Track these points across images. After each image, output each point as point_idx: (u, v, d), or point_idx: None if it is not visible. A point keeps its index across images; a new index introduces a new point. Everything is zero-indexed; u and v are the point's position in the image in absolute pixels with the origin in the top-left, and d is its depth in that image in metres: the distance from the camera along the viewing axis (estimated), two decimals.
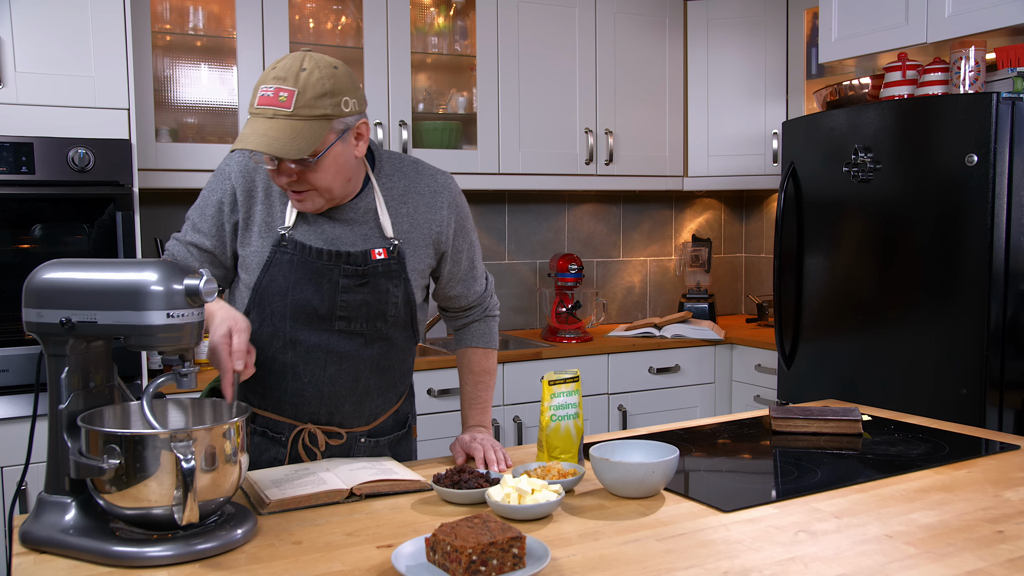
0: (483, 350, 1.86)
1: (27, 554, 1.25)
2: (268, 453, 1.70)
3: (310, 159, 1.48)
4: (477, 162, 3.43)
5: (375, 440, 1.77)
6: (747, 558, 1.21)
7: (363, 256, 1.61)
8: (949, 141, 2.60)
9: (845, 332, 2.97)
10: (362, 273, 1.61)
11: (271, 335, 1.63)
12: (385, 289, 1.64)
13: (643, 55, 3.78)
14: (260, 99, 1.47)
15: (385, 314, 1.65)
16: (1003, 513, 1.39)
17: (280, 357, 1.63)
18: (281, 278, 1.59)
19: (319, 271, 1.59)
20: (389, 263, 1.63)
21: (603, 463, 1.47)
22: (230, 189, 1.62)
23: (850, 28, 3.16)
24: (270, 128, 1.45)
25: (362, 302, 1.62)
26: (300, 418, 1.68)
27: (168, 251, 1.65)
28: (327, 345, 1.63)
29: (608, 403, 3.44)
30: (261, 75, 1.55)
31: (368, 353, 1.67)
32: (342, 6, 3.33)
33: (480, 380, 1.85)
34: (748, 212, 4.50)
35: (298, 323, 1.61)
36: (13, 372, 2.41)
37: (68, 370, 1.28)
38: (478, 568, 1.10)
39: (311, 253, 1.59)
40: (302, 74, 1.46)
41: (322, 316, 1.61)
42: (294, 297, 1.60)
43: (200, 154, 2.98)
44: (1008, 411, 2.55)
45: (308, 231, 1.61)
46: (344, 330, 1.63)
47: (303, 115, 1.46)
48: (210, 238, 1.63)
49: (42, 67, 2.46)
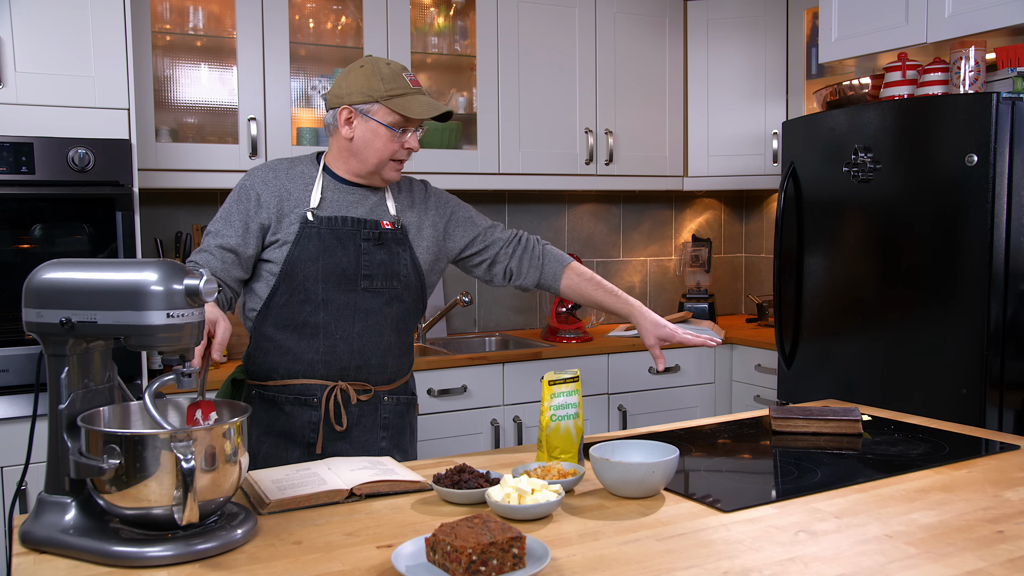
0: (571, 265, 2.07)
1: (27, 554, 1.25)
2: (301, 419, 1.88)
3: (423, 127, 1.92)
4: (477, 162, 3.43)
5: (396, 398, 1.97)
6: (747, 558, 1.21)
7: (376, 224, 1.90)
8: (949, 141, 2.60)
9: (845, 332, 2.97)
10: (378, 236, 1.89)
11: (303, 301, 1.85)
12: (396, 252, 1.91)
13: (643, 55, 3.78)
14: (412, 81, 1.87)
15: (399, 273, 1.91)
16: (1003, 513, 1.39)
17: (313, 319, 1.85)
18: (312, 247, 1.84)
19: (345, 236, 1.87)
20: (396, 232, 1.92)
21: (603, 463, 1.47)
22: (255, 196, 1.86)
23: (850, 28, 3.16)
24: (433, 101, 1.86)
25: (380, 262, 1.89)
26: (332, 376, 1.88)
27: (191, 261, 1.83)
28: (355, 303, 1.87)
29: (608, 403, 3.44)
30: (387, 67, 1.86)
31: (389, 311, 1.91)
32: (342, 6, 3.33)
33: (601, 281, 2.07)
34: (748, 212, 4.50)
35: (329, 284, 1.85)
36: (13, 372, 2.41)
37: (68, 370, 1.28)
38: (478, 568, 1.10)
39: (336, 222, 1.87)
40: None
41: (349, 276, 1.86)
42: (325, 261, 1.84)
43: (200, 154, 2.98)
44: (1008, 411, 2.55)
45: (330, 207, 1.89)
46: (368, 288, 1.88)
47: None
48: (234, 237, 1.83)
49: (42, 67, 2.46)
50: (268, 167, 1.93)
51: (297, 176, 1.91)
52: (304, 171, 1.92)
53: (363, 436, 1.92)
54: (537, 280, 2.06)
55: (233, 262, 1.83)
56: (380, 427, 1.94)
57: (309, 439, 1.88)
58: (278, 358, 1.87)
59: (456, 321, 3.81)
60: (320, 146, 3.23)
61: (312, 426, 1.87)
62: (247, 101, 3.03)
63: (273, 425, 1.90)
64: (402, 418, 2.00)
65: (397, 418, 1.98)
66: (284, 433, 1.89)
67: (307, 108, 3.32)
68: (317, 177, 1.90)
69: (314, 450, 1.88)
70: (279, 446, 1.89)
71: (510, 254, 2.05)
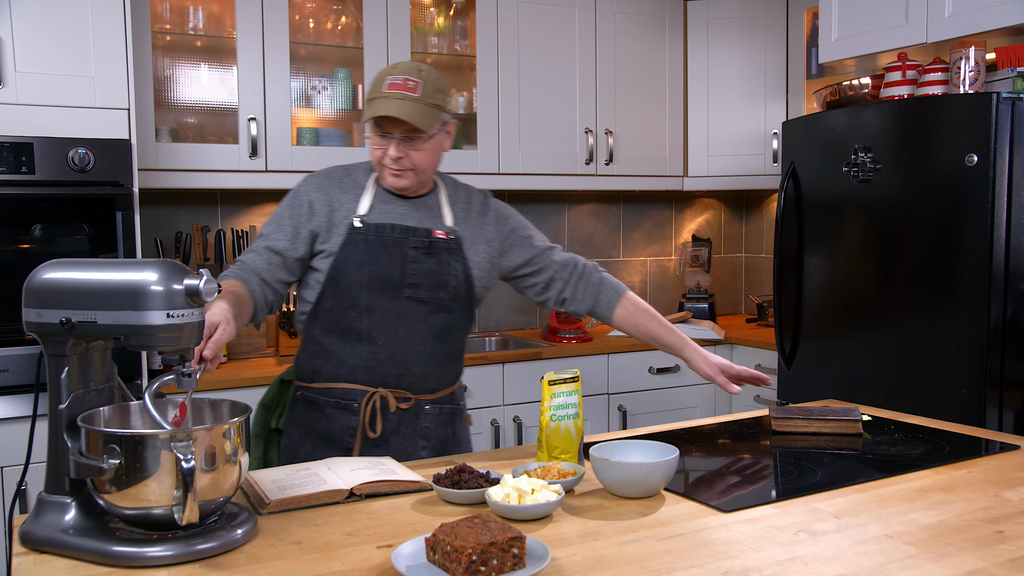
0: (626, 295, 2.02)
1: (27, 554, 1.25)
2: (340, 423, 1.87)
3: (424, 136, 1.80)
4: (477, 162, 3.43)
5: (439, 407, 1.94)
6: (747, 558, 1.21)
7: (427, 232, 1.88)
8: (949, 141, 2.60)
9: (845, 332, 2.97)
10: (427, 245, 1.87)
11: (347, 306, 1.84)
12: (447, 262, 1.88)
13: (643, 55, 3.78)
14: (390, 85, 1.78)
15: (447, 284, 1.88)
16: (1003, 513, 1.39)
17: (356, 325, 1.84)
18: (359, 253, 1.83)
19: (391, 243, 1.85)
20: (449, 243, 1.90)
21: (603, 463, 1.47)
22: (307, 202, 1.87)
23: (850, 28, 3.16)
24: (402, 105, 1.77)
25: (428, 271, 1.86)
26: (373, 382, 1.86)
27: (239, 260, 1.85)
28: (399, 311, 1.85)
29: (608, 403, 3.44)
30: (382, 72, 1.83)
31: (434, 321, 1.88)
32: (342, 6, 3.33)
33: (655, 313, 2.02)
34: (748, 212, 4.50)
35: (373, 291, 1.84)
36: (13, 372, 2.41)
37: (68, 370, 1.28)
38: (478, 568, 1.10)
39: (384, 229, 1.86)
40: (422, 72, 1.81)
41: (394, 284, 1.84)
42: (371, 268, 1.83)
43: (200, 154, 2.98)
44: (1008, 411, 2.55)
45: (379, 215, 1.88)
46: (413, 297, 1.86)
47: (425, 101, 1.79)
48: (283, 241, 1.84)
49: (42, 67, 2.46)
50: (324, 175, 1.93)
51: (350, 186, 1.90)
52: (358, 180, 1.91)
53: (402, 444, 1.89)
54: (591, 308, 2.01)
55: (279, 264, 1.83)
56: (420, 436, 1.91)
57: (347, 443, 1.87)
58: (322, 361, 1.87)
59: None
60: (321, 146, 3.23)
61: (350, 431, 1.86)
62: (247, 101, 3.03)
63: (314, 427, 1.89)
64: (445, 428, 1.96)
65: (440, 428, 1.94)
66: (323, 436, 1.88)
67: (307, 108, 3.32)
68: (368, 185, 1.90)
69: (351, 455, 1.86)
70: (318, 448, 1.87)
71: (565, 279, 2.00)
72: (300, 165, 3.11)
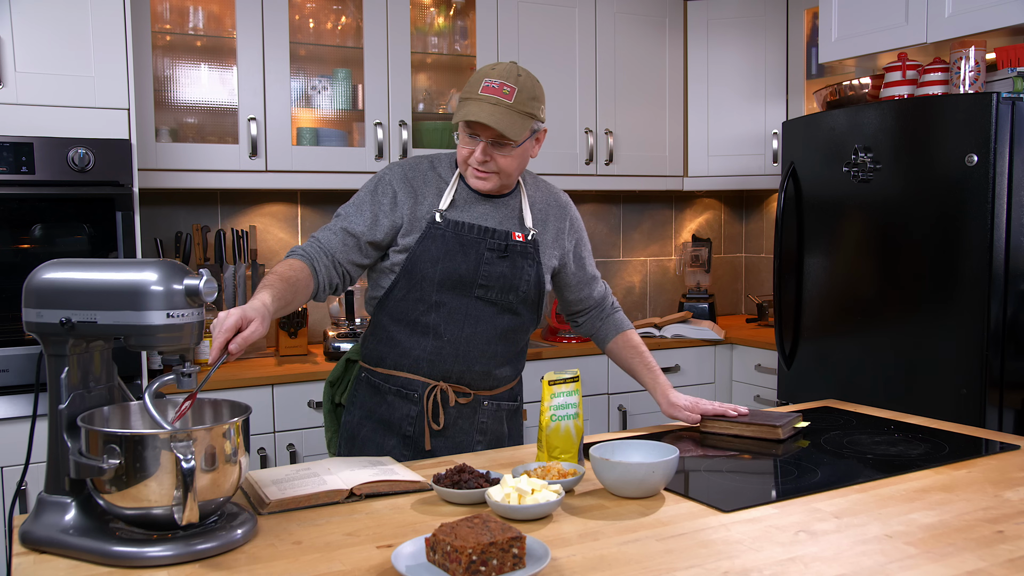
0: (624, 332, 2.10)
1: (27, 554, 1.25)
2: (400, 411, 1.90)
3: (513, 143, 1.80)
4: None
5: (496, 404, 1.97)
6: (747, 558, 1.21)
7: (505, 235, 1.88)
8: (949, 141, 2.60)
9: (845, 332, 2.97)
10: (504, 248, 1.87)
11: (417, 299, 1.86)
12: (521, 266, 1.89)
13: (643, 55, 3.78)
14: (485, 88, 1.78)
15: (518, 288, 1.89)
16: (1003, 513, 1.39)
17: (424, 319, 1.86)
18: (434, 248, 1.84)
19: (468, 243, 1.85)
20: (526, 246, 1.90)
21: (603, 463, 1.47)
22: (391, 192, 1.87)
23: (850, 28, 3.16)
24: (494, 111, 1.76)
25: (500, 274, 1.87)
26: (435, 376, 1.89)
27: (314, 236, 1.85)
28: (466, 309, 1.87)
29: (608, 403, 3.44)
30: (481, 70, 1.82)
31: (500, 322, 1.90)
32: (342, 6, 3.33)
33: (642, 353, 2.07)
34: (748, 212, 4.50)
35: (444, 288, 1.85)
36: (13, 372, 2.41)
37: (68, 370, 1.28)
38: (478, 568, 1.10)
39: (463, 228, 1.86)
40: (520, 78, 1.80)
41: (466, 283, 1.85)
42: (444, 265, 1.84)
43: (200, 154, 2.97)
44: (1008, 411, 2.55)
45: (460, 213, 1.88)
46: (482, 297, 1.87)
47: (519, 109, 1.79)
48: (361, 225, 1.85)
49: (42, 67, 2.46)
50: (410, 166, 1.92)
51: (433, 179, 1.90)
52: (443, 174, 1.92)
53: (459, 436, 1.94)
54: (592, 335, 2.14)
55: (354, 246, 1.84)
56: (477, 431, 1.96)
57: (406, 431, 1.90)
58: (388, 348, 1.90)
59: None
60: (321, 146, 3.23)
61: (409, 420, 1.90)
62: (247, 101, 3.03)
63: (375, 411, 1.93)
64: (501, 424, 2.00)
65: (496, 423, 1.98)
66: (384, 420, 1.92)
67: (307, 108, 3.32)
68: (452, 181, 1.90)
69: (410, 441, 1.91)
70: (378, 431, 1.92)
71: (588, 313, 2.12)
72: (300, 165, 3.11)
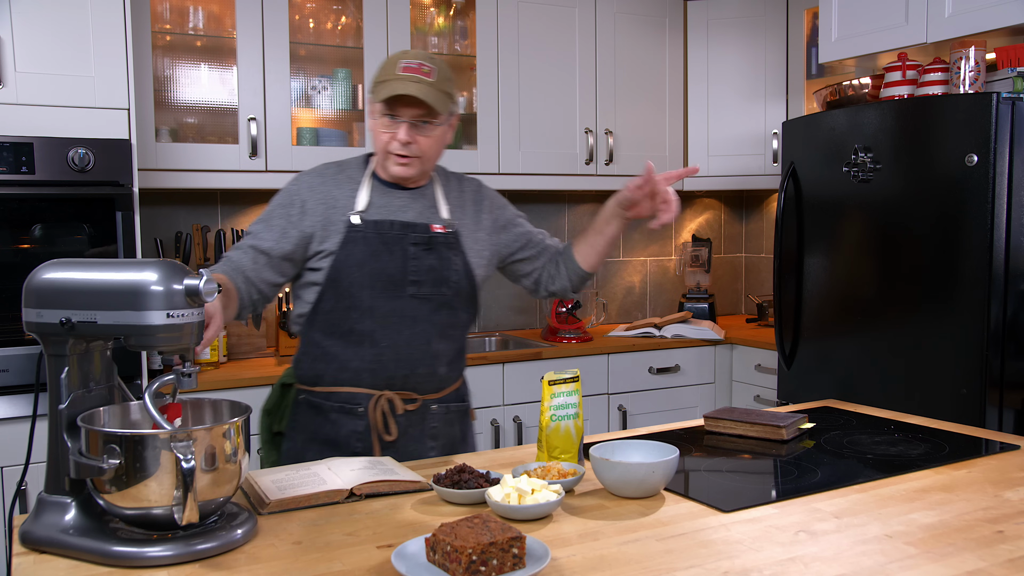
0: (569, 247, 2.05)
1: (27, 554, 1.25)
2: (346, 428, 1.84)
3: (436, 121, 1.79)
4: (477, 162, 3.42)
5: (445, 407, 1.92)
6: (747, 558, 1.21)
7: (426, 227, 1.85)
8: (949, 141, 2.60)
9: (845, 332, 2.97)
10: (427, 240, 1.84)
11: (348, 308, 1.81)
12: (447, 257, 1.86)
13: (643, 55, 3.78)
14: (405, 68, 1.76)
15: (449, 279, 1.86)
16: (1003, 513, 1.39)
17: (358, 327, 1.82)
18: (357, 251, 1.80)
19: (391, 241, 1.82)
20: (447, 236, 1.87)
21: (603, 463, 1.47)
22: (299, 202, 1.84)
23: (850, 28, 3.16)
24: (419, 86, 1.75)
25: (429, 267, 1.84)
26: (378, 385, 1.84)
27: (225, 256, 1.83)
28: (402, 310, 1.83)
29: (608, 403, 3.44)
30: (392, 56, 1.81)
31: (437, 319, 1.86)
32: (342, 6, 3.33)
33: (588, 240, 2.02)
34: (748, 212, 4.50)
35: (375, 291, 1.81)
36: (13, 372, 2.41)
37: (68, 370, 1.28)
38: (478, 568, 1.10)
39: (383, 226, 1.83)
40: (435, 60, 1.81)
41: (396, 282, 1.82)
42: (371, 266, 1.80)
43: (200, 154, 2.97)
44: (1008, 411, 2.55)
45: (377, 211, 1.85)
46: (416, 295, 1.84)
47: (439, 87, 1.78)
48: (270, 241, 1.81)
49: (42, 67, 2.46)
50: (317, 173, 1.89)
51: (344, 181, 1.87)
52: (352, 175, 1.88)
53: (411, 445, 1.86)
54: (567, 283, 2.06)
55: (265, 264, 1.80)
56: (428, 436, 1.89)
57: (355, 448, 1.83)
58: (325, 364, 1.84)
59: None
60: (321, 146, 3.23)
61: (357, 435, 1.83)
62: (247, 101, 3.03)
63: (319, 432, 1.85)
64: (452, 427, 1.94)
65: (447, 427, 1.92)
66: (329, 441, 1.84)
67: (307, 108, 3.32)
68: (364, 180, 1.87)
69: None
70: (324, 452, 1.82)
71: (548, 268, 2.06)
72: (300, 165, 3.11)
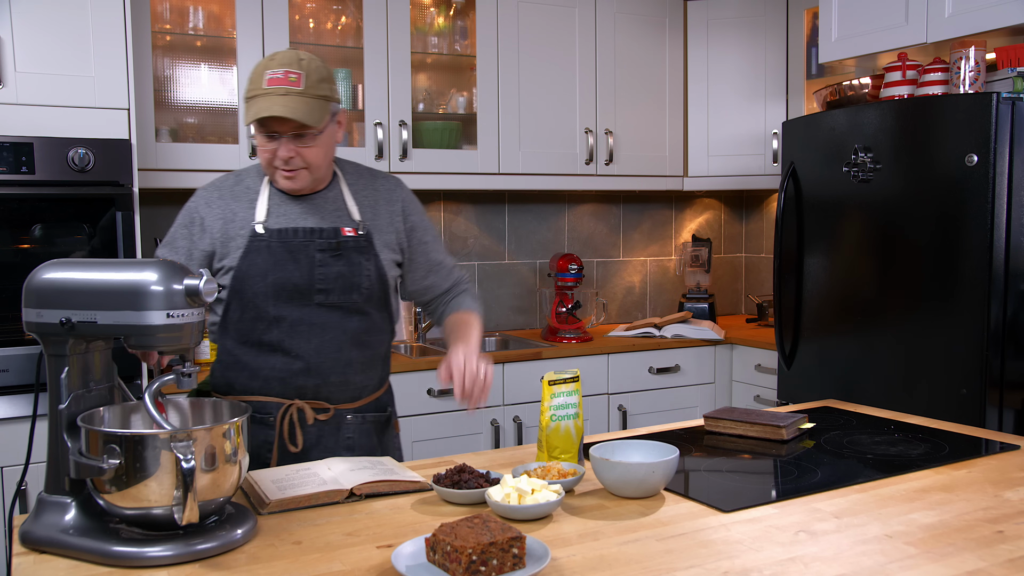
0: (461, 312, 1.93)
1: (27, 554, 1.25)
2: (257, 437, 1.77)
3: (314, 132, 1.68)
4: (477, 162, 3.42)
5: (361, 417, 1.84)
6: (747, 558, 1.21)
7: (334, 232, 1.77)
8: (949, 141, 2.60)
9: (845, 332, 2.97)
10: (335, 246, 1.75)
11: (255, 318, 1.74)
12: (358, 262, 1.77)
13: (643, 55, 3.78)
14: (270, 80, 1.65)
15: (360, 286, 1.78)
16: (1003, 513, 1.39)
17: (266, 337, 1.75)
18: (260, 261, 1.72)
19: (296, 248, 1.74)
20: (359, 240, 1.78)
21: (603, 463, 1.47)
22: (199, 220, 1.77)
23: (850, 28, 3.16)
24: (287, 101, 1.64)
25: (337, 274, 1.75)
26: (288, 395, 1.77)
27: None
28: (310, 318, 1.75)
29: (608, 403, 3.44)
30: (259, 65, 1.70)
31: (349, 326, 1.78)
32: (342, 6, 3.33)
33: (465, 320, 1.88)
34: (748, 212, 4.50)
35: (280, 301, 1.73)
36: (13, 372, 2.41)
37: (68, 370, 1.28)
38: (478, 568, 1.10)
39: (287, 233, 1.74)
40: (303, 62, 1.68)
41: (302, 291, 1.74)
42: (275, 276, 1.72)
43: (200, 154, 2.98)
44: (1008, 411, 2.55)
45: (281, 219, 1.76)
46: (323, 303, 1.75)
47: (311, 93, 1.67)
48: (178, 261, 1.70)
49: (42, 67, 2.46)
50: (214, 186, 1.82)
51: (242, 192, 1.79)
52: (251, 184, 1.80)
53: (323, 456, 1.77)
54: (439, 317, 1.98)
55: None
56: (343, 448, 1.81)
57: (265, 458, 1.77)
58: (236, 372, 1.78)
59: None
60: None
61: (267, 446, 1.77)
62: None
63: None
64: (370, 438, 1.85)
65: (364, 438, 1.84)
66: None
67: None
68: (262, 189, 1.79)
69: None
70: None
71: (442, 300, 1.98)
72: None
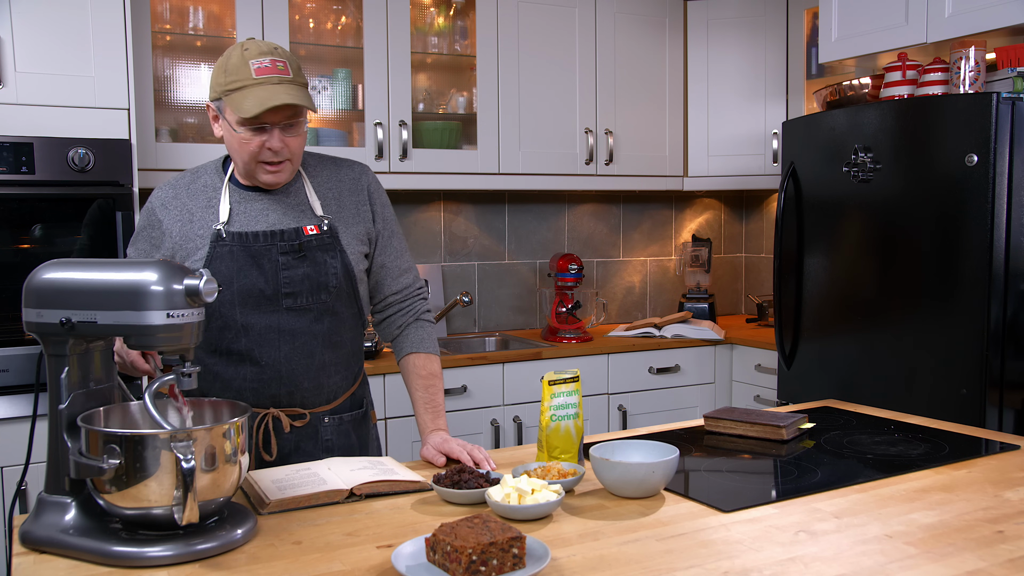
0: (424, 355, 1.85)
1: (27, 554, 1.25)
2: None
3: (303, 119, 1.66)
4: (477, 162, 3.42)
5: (338, 418, 1.81)
6: (747, 558, 1.21)
7: (296, 232, 1.71)
8: (949, 141, 2.60)
9: (845, 332, 2.97)
10: (298, 248, 1.70)
11: (222, 327, 1.70)
12: (323, 261, 1.72)
13: (643, 55, 3.78)
14: (259, 70, 1.61)
15: (327, 285, 1.73)
16: (1003, 513, 1.39)
17: (235, 346, 1.70)
18: (224, 268, 1.67)
19: (258, 253, 1.68)
20: (322, 237, 1.73)
21: (603, 463, 1.47)
22: (156, 222, 1.73)
23: (850, 28, 3.16)
24: (288, 90, 1.60)
25: (303, 276, 1.71)
26: (262, 403, 1.73)
27: None
28: (278, 325, 1.70)
29: (608, 403, 3.44)
30: (234, 56, 1.63)
31: (319, 328, 1.74)
32: (342, 6, 3.33)
33: (429, 383, 1.83)
34: (748, 212, 4.50)
35: (247, 308, 1.69)
36: (13, 372, 2.41)
37: (68, 370, 1.28)
38: (478, 568, 1.10)
39: (248, 238, 1.69)
40: (278, 50, 1.65)
41: (269, 297, 1.69)
42: (239, 283, 1.68)
43: (200, 154, 2.97)
44: (1008, 411, 2.55)
45: (243, 221, 1.71)
46: (292, 307, 1.71)
47: (299, 81, 1.65)
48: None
49: (42, 67, 2.46)
50: (169, 185, 1.75)
51: (199, 191, 1.73)
52: (208, 183, 1.74)
53: (304, 460, 1.74)
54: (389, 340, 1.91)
55: None
56: (323, 451, 1.78)
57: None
58: (208, 382, 1.73)
59: (456, 321, 3.81)
60: (320, 146, 3.23)
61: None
62: None
63: None
64: (348, 437, 1.82)
65: (343, 438, 1.81)
66: None
67: None
68: (222, 188, 1.72)
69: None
70: None
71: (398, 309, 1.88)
72: None
